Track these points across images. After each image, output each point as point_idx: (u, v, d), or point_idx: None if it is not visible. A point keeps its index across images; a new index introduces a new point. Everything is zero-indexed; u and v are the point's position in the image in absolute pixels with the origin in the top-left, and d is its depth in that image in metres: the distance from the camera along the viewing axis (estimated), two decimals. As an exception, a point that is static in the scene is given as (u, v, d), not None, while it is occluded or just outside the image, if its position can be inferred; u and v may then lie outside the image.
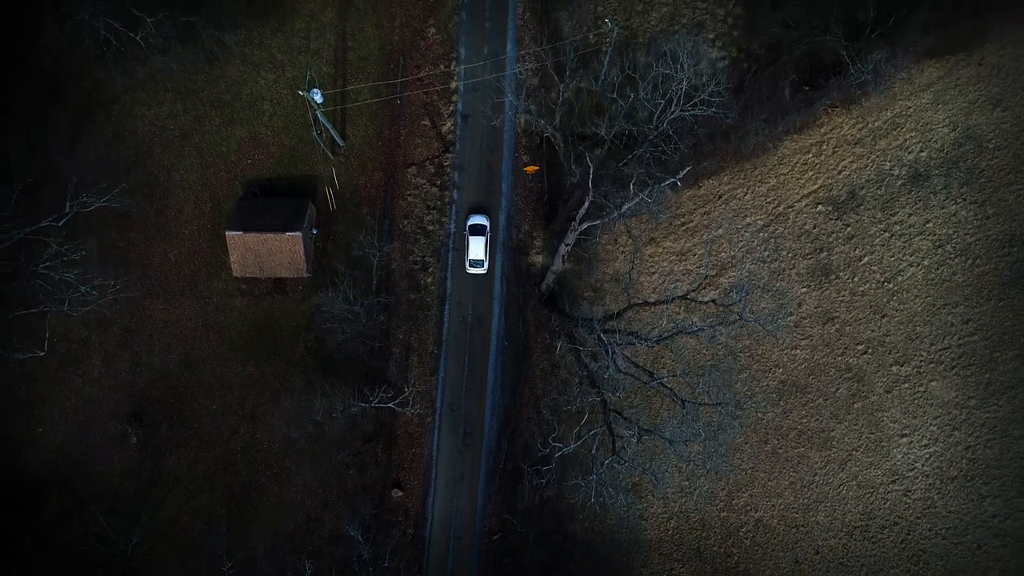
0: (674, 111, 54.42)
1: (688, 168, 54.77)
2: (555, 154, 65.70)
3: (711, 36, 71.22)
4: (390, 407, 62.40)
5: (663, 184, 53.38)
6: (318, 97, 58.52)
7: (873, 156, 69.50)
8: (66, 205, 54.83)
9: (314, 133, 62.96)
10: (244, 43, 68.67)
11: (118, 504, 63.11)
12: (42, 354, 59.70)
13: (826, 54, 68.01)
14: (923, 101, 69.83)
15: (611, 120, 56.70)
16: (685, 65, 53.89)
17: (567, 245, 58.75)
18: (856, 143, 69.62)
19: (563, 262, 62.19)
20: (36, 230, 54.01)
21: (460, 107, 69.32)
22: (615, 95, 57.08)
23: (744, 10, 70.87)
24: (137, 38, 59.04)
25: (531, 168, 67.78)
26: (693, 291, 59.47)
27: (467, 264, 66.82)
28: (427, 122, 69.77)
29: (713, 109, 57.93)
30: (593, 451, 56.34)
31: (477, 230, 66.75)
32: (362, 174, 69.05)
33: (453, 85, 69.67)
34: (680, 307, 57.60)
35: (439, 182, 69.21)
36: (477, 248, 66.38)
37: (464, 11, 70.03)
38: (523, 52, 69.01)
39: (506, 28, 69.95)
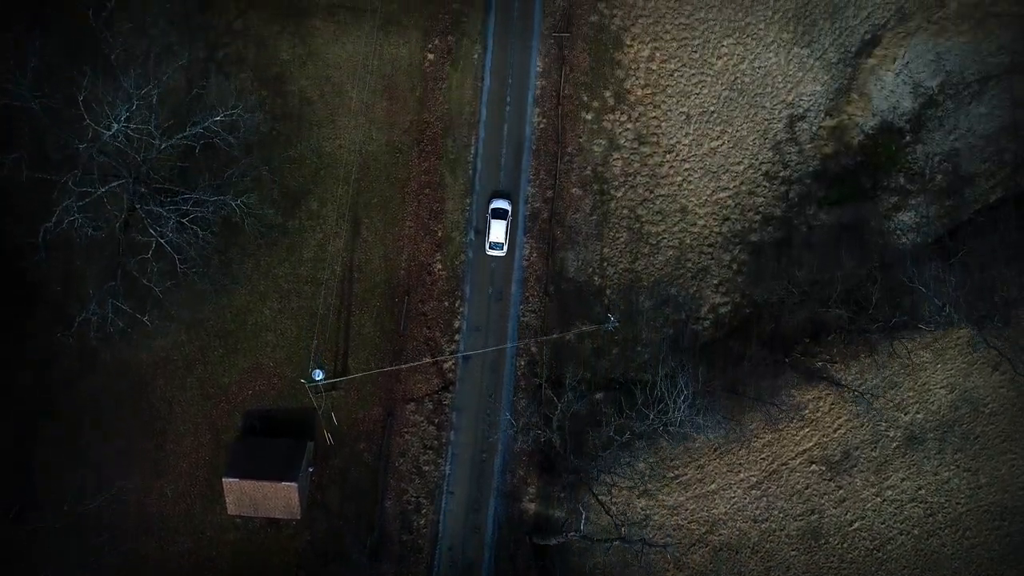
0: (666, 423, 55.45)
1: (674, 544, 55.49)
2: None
3: (715, 282, 71.84)
4: None
5: (653, 547, 54.16)
6: (319, 375, 59.26)
7: (870, 416, 69.87)
8: (63, 506, 55.57)
9: (315, 403, 63.53)
10: (252, 271, 69.29)
11: None
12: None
13: (827, 318, 68.65)
14: (922, 359, 70.27)
15: (608, 445, 57.76)
16: (679, 402, 54.80)
17: (556, 543, 59.32)
18: (853, 401, 70.03)
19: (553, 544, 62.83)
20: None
21: (462, 346, 69.94)
22: (613, 434, 58.00)
23: (749, 256, 71.50)
24: (144, 319, 59.63)
25: (529, 425, 68.50)
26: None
27: (487, 247, 68.61)
28: (428, 358, 70.39)
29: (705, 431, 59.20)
30: None
31: (499, 213, 68.69)
32: (361, 408, 69.48)
33: (456, 324, 70.32)
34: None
35: (437, 420, 69.72)
36: (498, 231, 68.33)
37: (471, 249, 70.72)
38: (525, 309, 69.92)
39: (512, 269, 70.66)
